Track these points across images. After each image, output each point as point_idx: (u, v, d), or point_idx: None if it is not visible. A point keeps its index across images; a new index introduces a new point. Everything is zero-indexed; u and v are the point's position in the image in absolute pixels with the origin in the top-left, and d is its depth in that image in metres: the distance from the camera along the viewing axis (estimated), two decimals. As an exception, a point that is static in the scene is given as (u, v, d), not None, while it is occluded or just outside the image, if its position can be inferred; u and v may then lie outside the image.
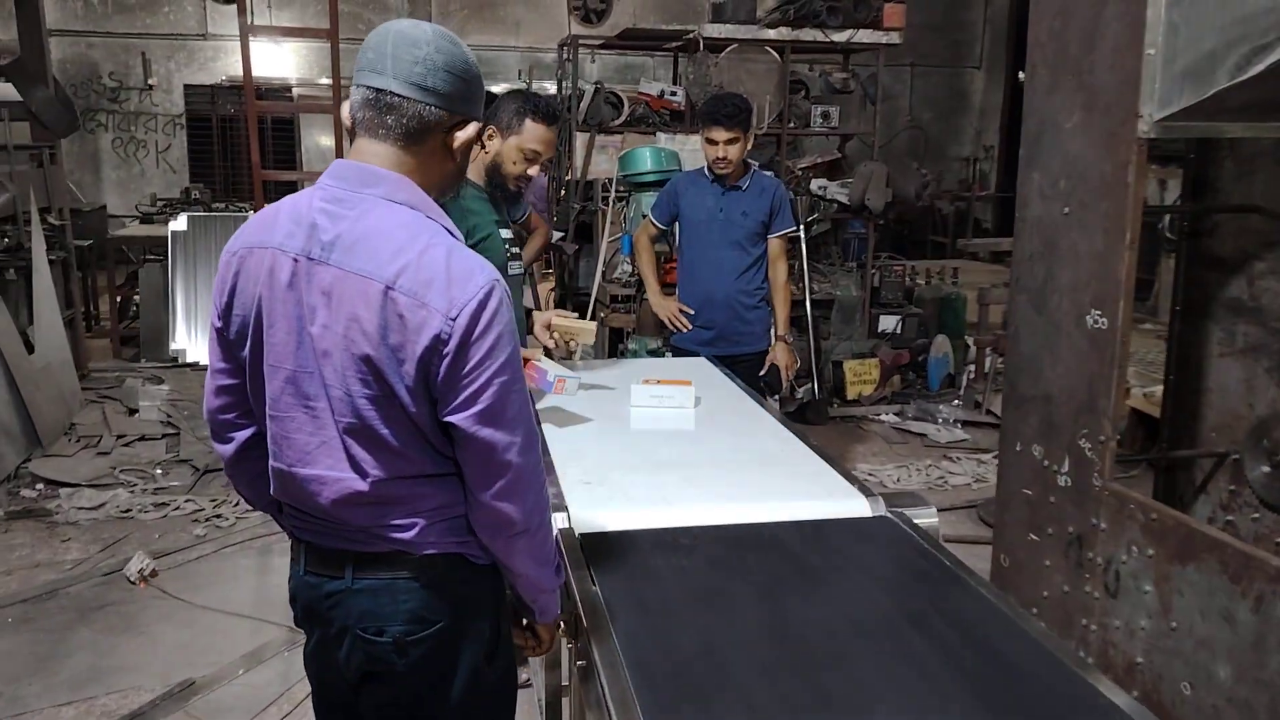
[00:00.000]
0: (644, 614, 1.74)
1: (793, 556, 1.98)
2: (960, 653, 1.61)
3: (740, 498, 2.26)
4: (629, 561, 1.95)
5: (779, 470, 2.48)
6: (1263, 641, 2.57)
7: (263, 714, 2.99)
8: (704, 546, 2.03)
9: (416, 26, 1.54)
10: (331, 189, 1.54)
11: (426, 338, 1.44)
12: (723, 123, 3.69)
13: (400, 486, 1.54)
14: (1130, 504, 3.04)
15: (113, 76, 12.70)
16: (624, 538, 2.05)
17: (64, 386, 5.87)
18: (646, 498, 2.26)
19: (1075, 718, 1.46)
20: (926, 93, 14.97)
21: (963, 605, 1.77)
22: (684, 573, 1.91)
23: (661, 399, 2.91)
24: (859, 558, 1.98)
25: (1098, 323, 3.14)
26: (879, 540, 2.06)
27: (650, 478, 2.39)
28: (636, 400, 2.91)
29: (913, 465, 5.27)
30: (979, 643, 1.64)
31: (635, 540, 2.04)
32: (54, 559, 4.07)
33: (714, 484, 2.36)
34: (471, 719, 1.70)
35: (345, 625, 1.61)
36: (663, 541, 2.05)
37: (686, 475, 2.42)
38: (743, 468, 2.49)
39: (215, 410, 1.70)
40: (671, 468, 2.47)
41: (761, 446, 2.67)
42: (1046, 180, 3.38)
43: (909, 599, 1.80)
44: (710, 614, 1.75)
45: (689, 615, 1.74)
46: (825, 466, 2.47)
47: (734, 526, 2.13)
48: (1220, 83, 2.73)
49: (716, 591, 1.84)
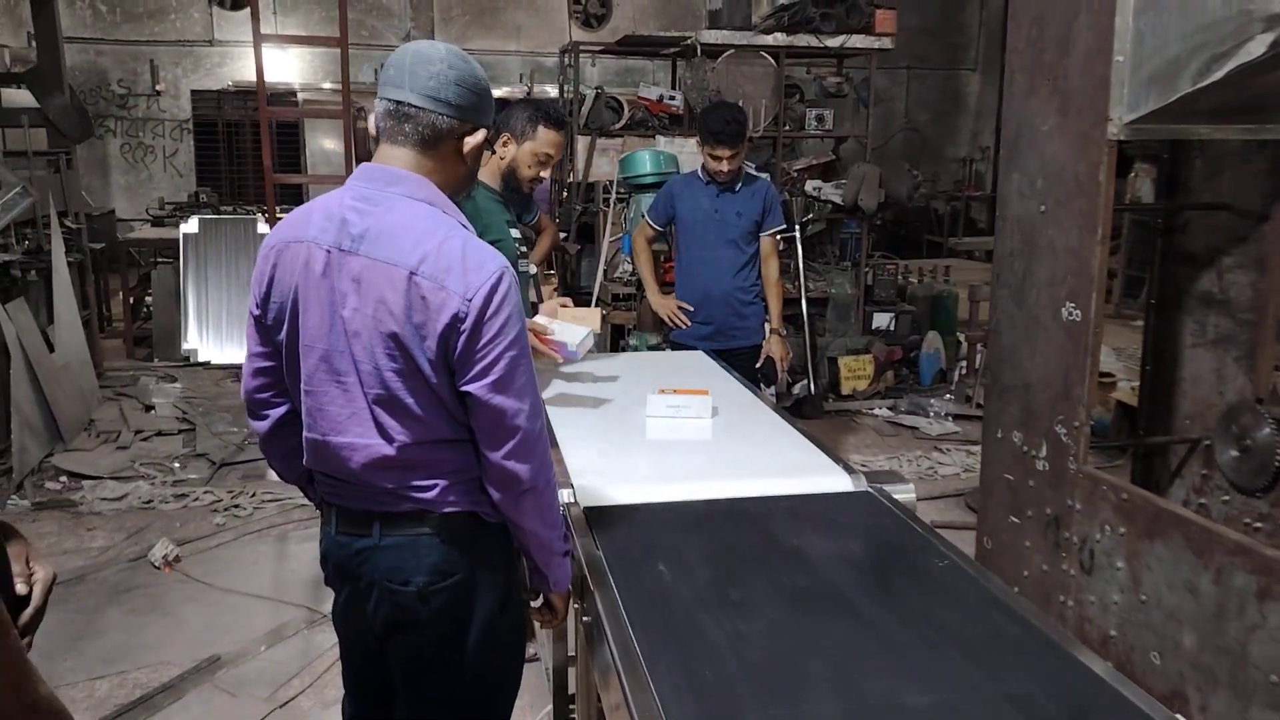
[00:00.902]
0: (642, 573, 1.93)
1: (781, 525, 2.16)
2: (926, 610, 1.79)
3: (734, 475, 2.44)
4: (629, 530, 2.13)
5: (770, 451, 2.66)
6: (1223, 611, 2.75)
7: (286, 685, 3.17)
8: (699, 517, 2.21)
9: (433, 47, 1.76)
10: (359, 189, 1.75)
11: (446, 316, 1.64)
12: (726, 141, 3.86)
13: (423, 451, 1.73)
14: (1103, 486, 3.22)
15: (121, 83, 12.89)
16: (625, 510, 2.24)
17: (83, 384, 6.06)
18: (646, 475, 2.44)
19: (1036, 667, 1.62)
20: (922, 95, 15.16)
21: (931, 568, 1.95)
22: (680, 539, 2.10)
23: (679, 409, 2.87)
24: (840, 527, 2.16)
25: (1072, 315, 3.31)
26: (859, 512, 2.24)
27: (650, 457, 2.58)
28: (653, 410, 2.87)
29: (903, 456, 5.45)
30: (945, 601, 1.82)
31: (636, 512, 2.23)
32: (81, 546, 4.26)
33: (710, 463, 2.55)
34: (487, 665, 1.88)
35: (374, 579, 1.80)
36: (661, 513, 2.23)
37: (684, 455, 2.61)
38: (737, 449, 2.67)
39: (252, 390, 1.90)
40: (670, 449, 2.65)
41: (755, 430, 2.85)
42: (1025, 180, 3.56)
43: (882, 561, 1.99)
44: (704, 573, 1.93)
45: (684, 574, 1.93)
46: (812, 448, 2.65)
47: (727, 500, 2.31)
48: (1184, 88, 2.91)
49: (710, 555, 2.02)
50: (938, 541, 2.06)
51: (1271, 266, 3.38)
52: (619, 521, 2.17)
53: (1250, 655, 2.66)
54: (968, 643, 1.66)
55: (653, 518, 2.21)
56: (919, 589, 1.86)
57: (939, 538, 2.08)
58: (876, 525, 2.17)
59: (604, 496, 2.29)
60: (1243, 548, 2.69)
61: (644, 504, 2.28)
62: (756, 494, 2.34)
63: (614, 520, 2.17)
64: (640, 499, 2.30)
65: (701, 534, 2.13)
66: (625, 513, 2.22)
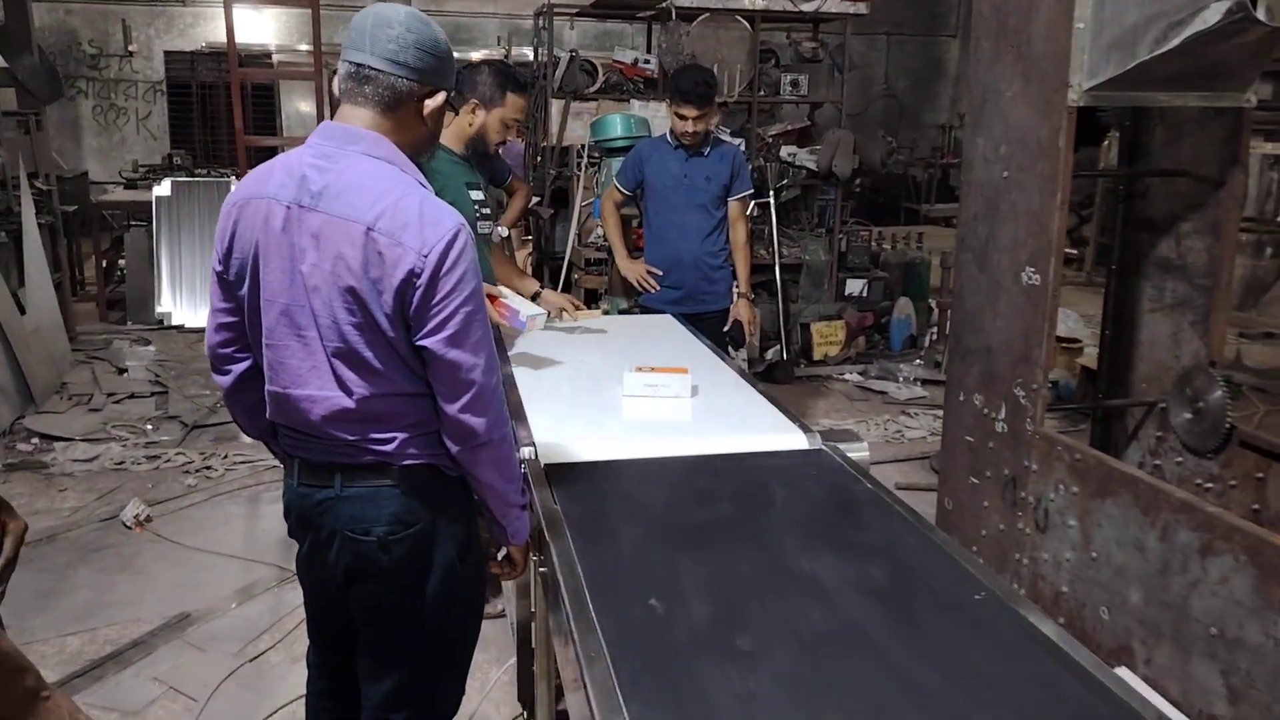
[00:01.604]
0: (597, 526, 1.98)
1: (736, 480, 2.21)
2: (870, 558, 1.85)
3: (693, 433, 2.49)
4: (587, 486, 2.18)
5: (731, 411, 2.71)
6: (1168, 567, 2.83)
7: (255, 641, 3.22)
8: (656, 474, 2.26)
9: (393, 9, 1.79)
10: (319, 147, 1.78)
11: (402, 271, 1.67)
12: (693, 101, 3.88)
13: (382, 404, 1.77)
14: (1058, 446, 3.30)
15: (92, 44, 12.70)
16: (584, 467, 2.29)
17: (55, 347, 6.04)
18: (607, 433, 2.49)
19: (970, 611, 1.69)
20: (902, 61, 15.13)
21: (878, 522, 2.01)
22: (636, 495, 2.15)
23: (656, 388, 2.74)
24: (791, 482, 2.21)
25: (1031, 279, 3.37)
26: (812, 468, 2.30)
27: (612, 416, 2.62)
28: (629, 389, 2.74)
29: (872, 420, 5.52)
30: (886, 552, 1.88)
31: (594, 469, 2.28)
32: (52, 507, 4.28)
33: (671, 422, 2.60)
34: (446, 614, 1.93)
35: (335, 529, 1.85)
36: (620, 470, 2.28)
37: (645, 414, 2.66)
38: (698, 409, 2.72)
39: (215, 345, 1.94)
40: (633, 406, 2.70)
41: (717, 391, 2.90)
42: (989, 145, 3.60)
43: (829, 514, 2.04)
44: (656, 527, 1.98)
45: (638, 528, 1.98)
46: (771, 408, 2.71)
47: (684, 457, 2.36)
48: (1142, 55, 2.95)
49: (664, 510, 2.07)
50: (886, 496, 2.12)
51: (1226, 232, 3.45)
52: (577, 478, 2.21)
53: (1192, 609, 2.75)
54: (897, 592, 1.72)
55: (611, 474, 2.26)
56: (860, 539, 1.92)
57: (887, 492, 2.14)
58: (827, 481, 2.22)
59: (564, 454, 2.33)
60: (1187, 505, 2.77)
61: (603, 460, 2.32)
62: (714, 451, 2.39)
63: (573, 476, 2.22)
64: (599, 456, 2.35)
65: (658, 489, 2.18)
66: (584, 469, 2.27)
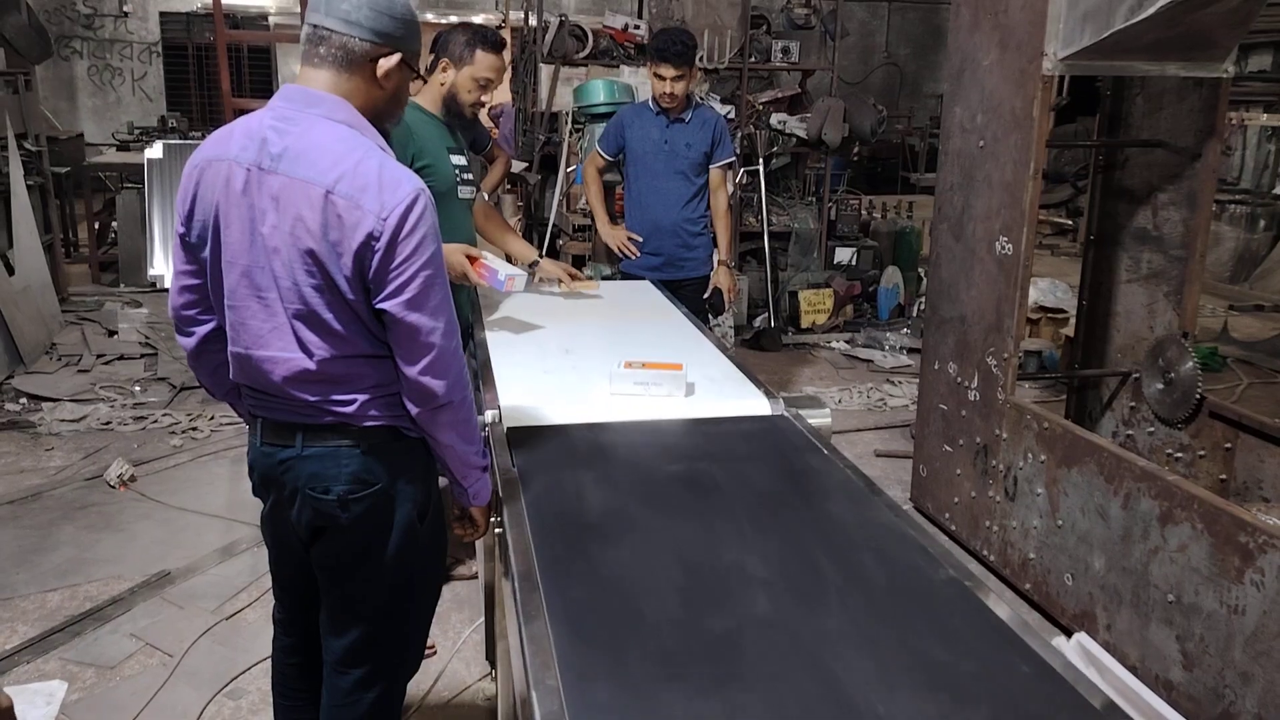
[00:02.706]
0: (552, 489, 2.01)
1: (693, 443, 2.24)
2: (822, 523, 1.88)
3: (658, 397, 2.52)
4: (548, 450, 2.21)
5: (699, 377, 2.73)
6: (1129, 534, 2.87)
7: (233, 599, 3.27)
8: (617, 437, 2.29)
9: None
10: (280, 109, 1.79)
11: (361, 234, 1.69)
12: (671, 60, 3.86)
13: (342, 365, 1.80)
14: (1027, 415, 3.33)
15: (87, 3, 12.63)
16: (546, 430, 2.31)
17: (44, 308, 6.07)
18: (572, 397, 2.51)
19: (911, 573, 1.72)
20: (904, 30, 15.02)
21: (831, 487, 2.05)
22: (595, 458, 2.18)
23: (647, 385, 2.48)
24: (748, 447, 2.24)
25: (1004, 249, 3.39)
26: (770, 434, 2.33)
27: (578, 380, 2.64)
28: (617, 387, 2.48)
29: (855, 388, 5.55)
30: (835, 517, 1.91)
31: (556, 432, 2.30)
32: (38, 465, 4.32)
33: (637, 386, 2.62)
34: (407, 570, 1.97)
35: (296, 487, 1.88)
36: (582, 434, 2.31)
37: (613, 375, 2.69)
38: (666, 373, 2.75)
39: (179, 307, 1.96)
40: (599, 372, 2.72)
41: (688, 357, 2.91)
42: (966, 115, 3.61)
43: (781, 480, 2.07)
44: (609, 490, 2.01)
45: (592, 490, 2.01)
46: (738, 373, 2.73)
47: (648, 421, 2.39)
48: (1117, 24, 2.95)
49: (619, 473, 2.10)
50: (838, 461, 2.15)
51: (1201, 204, 3.46)
52: (539, 442, 2.24)
53: (1151, 576, 2.79)
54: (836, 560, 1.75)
55: (573, 438, 2.28)
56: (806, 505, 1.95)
57: (841, 458, 2.17)
58: (783, 446, 2.25)
59: (528, 417, 2.36)
60: (1148, 474, 2.80)
61: (565, 424, 2.35)
62: (676, 416, 2.42)
63: (534, 440, 2.24)
64: (564, 419, 2.38)
65: (616, 453, 2.21)
66: (546, 433, 2.30)
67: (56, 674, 2.88)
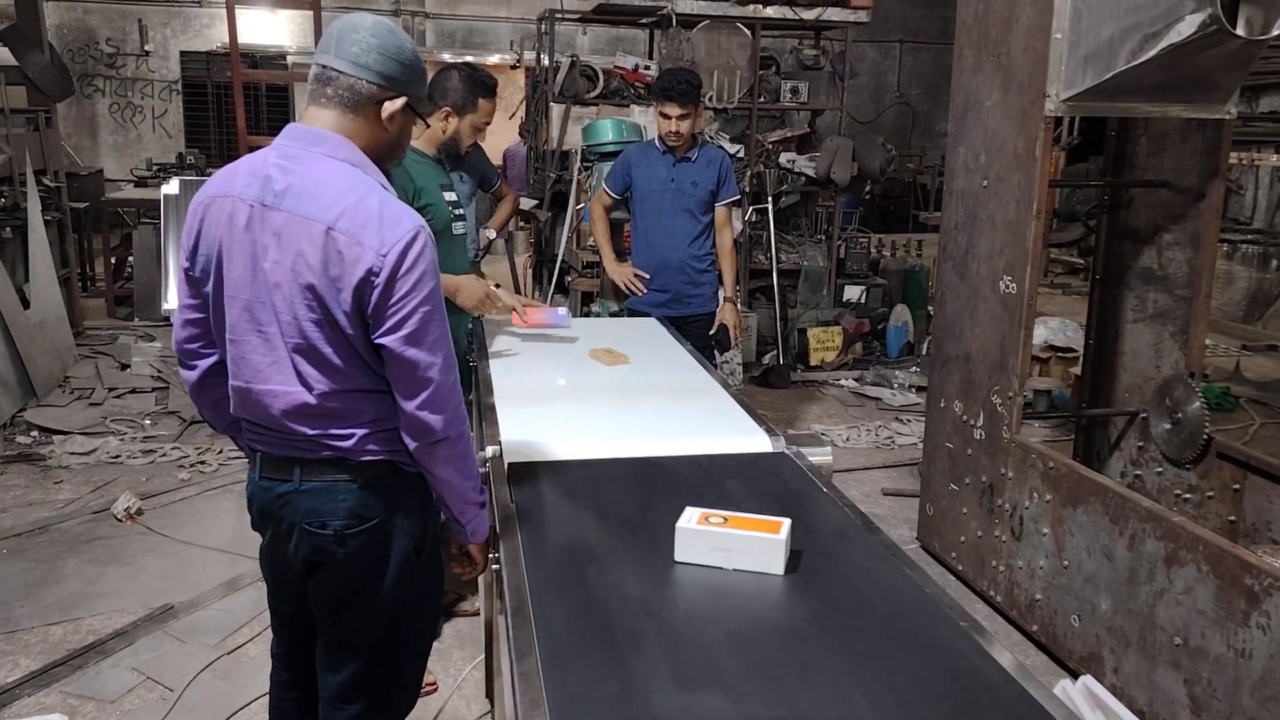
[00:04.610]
0: (550, 525, 2.01)
1: (693, 481, 2.24)
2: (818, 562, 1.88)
3: (662, 435, 2.52)
4: (547, 485, 2.21)
5: (702, 413, 2.74)
6: (1135, 575, 2.85)
7: (234, 634, 3.26)
8: (618, 474, 2.29)
9: (362, 18, 1.85)
10: (285, 147, 1.83)
11: (361, 270, 1.72)
12: (676, 99, 3.91)
13: (341, 400, 1.81)
14: (1032, 454, 3.31)
15: (110, 43, 12.85)
16: (546, 466, 2.32)
17: (58, 341, 6.13)
18: (574, 431, 2.52)
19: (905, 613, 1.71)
20: (915, 69, 15.12)
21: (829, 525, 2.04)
22: (594, 494, 2.18)
23: (729, 554, 1.83)
24: (751, 485, 2.24)
25: (1009, 288, 3.39)
26: (770, 472, 2.33)
27: (580, 413, 2.66)
28: (687, 551, 1.85)
29: (863, 426, 5.53)
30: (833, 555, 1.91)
31: (556, 468, 2.31)
32: (46, 498, 4.34)
33: (642, 424, 2.63)
34: (403, 607, 1.97)
35: (293, 521, 1.89)
36: (583, 470, 2.31)
37: (614, 413, 2.70)
38: (671, 410, 2.75)
39: (182, 340, 1.99)
40: (602, 406, 2.74)
41: (688, 391, 2.93)
42: (970, 154, 3.63)
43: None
44: (607, 526, 2.01)
45: (590, 527, 2.01)
46: (739, 409, 2.73)
47: (650, 458, 2.39)
48: (1119, 66, 2.97)
49: (619, 510, 2.10)
50: (837, 499, 2.14)
51: (1205, 244, 3.46)
52: (539, 477, 2.25)
53: (1158, 618, 2.76)
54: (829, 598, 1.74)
55: (573, 473, 2.28)
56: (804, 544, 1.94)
57: (841, 496, 2.17)
58: (783, 484, 2.25)
59: (530, 453, 2.37)
60: (1153, 514, 2.78)
61: (566, 460, 2.35)
62: (680, 453, 2.42)
63: (534, 476, 2.25)
64: (566, 455, 2.38)
65: (616, 489, 2.21)
66: (546, 468, 2.30)
67: (57, 707, 2.87)
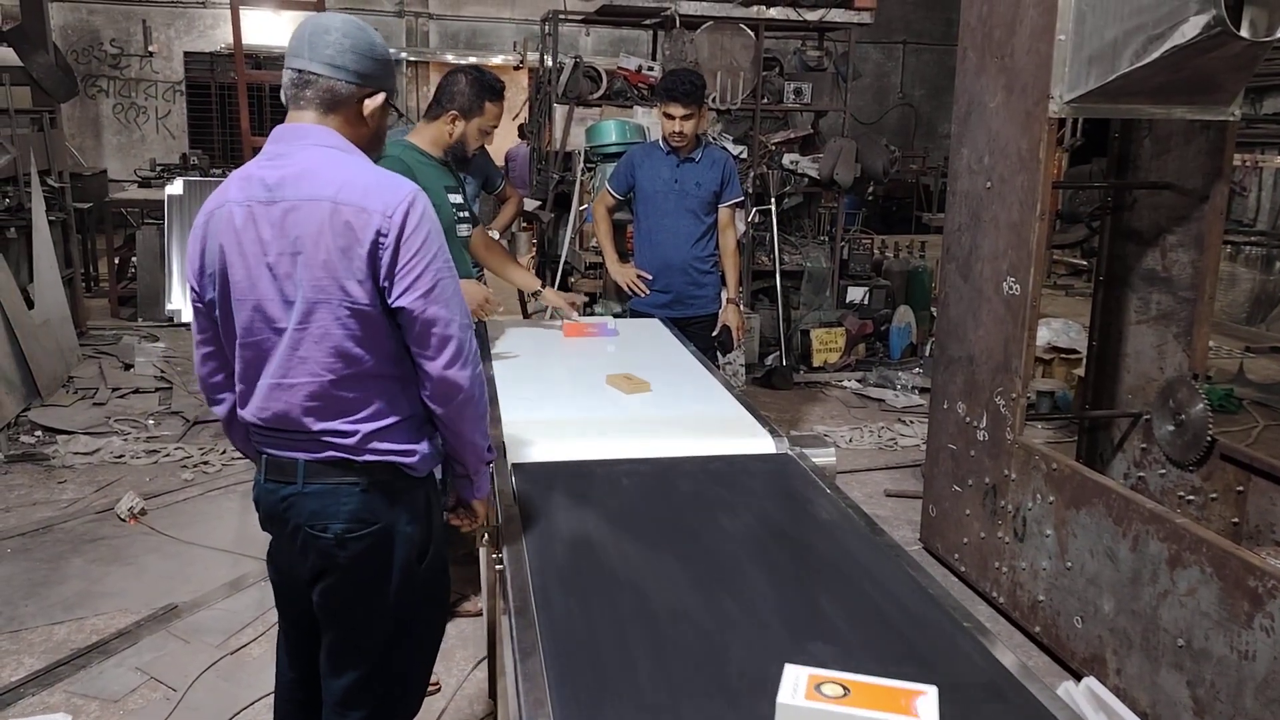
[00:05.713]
0: (553, 525, 2.02)
1: (695, 482, 2.25)
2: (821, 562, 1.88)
3: (664, 435, 2.52)
4: (550, 485, 2.21)
5: (705, 414, 2.75)
6: (1138, 577, 2.84)
7: (238, 634, 3.27)
8: (621, 475, 2.30)
9: (330, 18, 1.87)
10: (270, 150, 1.87)
11: (370, 234, 1.75)
12: (679, 99, 3.92)
13: (351, 386, 1.82)
14: (1035, 455, 3.31)
15: (114, 43, 12.89)
16: (549, 466, 2.32)
17: (62, 341, 6.14)
18: (578, 432, 2.52)
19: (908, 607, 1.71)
20: (919, 71, 15.13)
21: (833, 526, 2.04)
22: (597, 494, 2.18)
23: None
24: (755, 486, 2.24)
25: (1012, 289, 3.39)
26: (774, 473, 2.33)
27: (585, 417, 2.66)
28: None
29: (866, 427, 5.53)
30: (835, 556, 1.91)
31: (560, 469, 2.31)
32: (50, 498, 4.35)
33: (645, 424, 2.63)
34: (407, 612, 1.97)
35: (298, 524, 1.89)
36: (585, 470, 2.32)
37: (618, 413, 2.70)
38: (673, 412, 2.75)
39: (205, 376, 2.02)
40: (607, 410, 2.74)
41: (694, 395, 2.93)
42: (973, 156, 3.63)
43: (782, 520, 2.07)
44: (609, 526, 2.01)
45: (593, 527, 2.01)
46: (744, 412, 2.73)
47: (653, 459, 2.39)
48: (1122, 68, 2.97)
49: (622, 510, 2.11)
50: (841, 501, 2.15)
51: (1209, 245, 3.45)
52: (542, 477, 2.25)
53: (1161, 619, 2.76)
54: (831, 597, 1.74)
55: (576, 474, 2.29)
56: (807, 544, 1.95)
57: (844, 497, 2.17)
58: (786, 485, 2.25)
59: (532, 453, 2.37)
60: (1156, 516, 2.78)
61: (569, 460, 2.36)
62: (682, 454, 2.42)
63: (537, 475, 2.26)
64: (570, 455, 2.39)
65: (619, 490, 2.21)
66: (549, 469, 2.31)
67: (60, 707, 2.88)
